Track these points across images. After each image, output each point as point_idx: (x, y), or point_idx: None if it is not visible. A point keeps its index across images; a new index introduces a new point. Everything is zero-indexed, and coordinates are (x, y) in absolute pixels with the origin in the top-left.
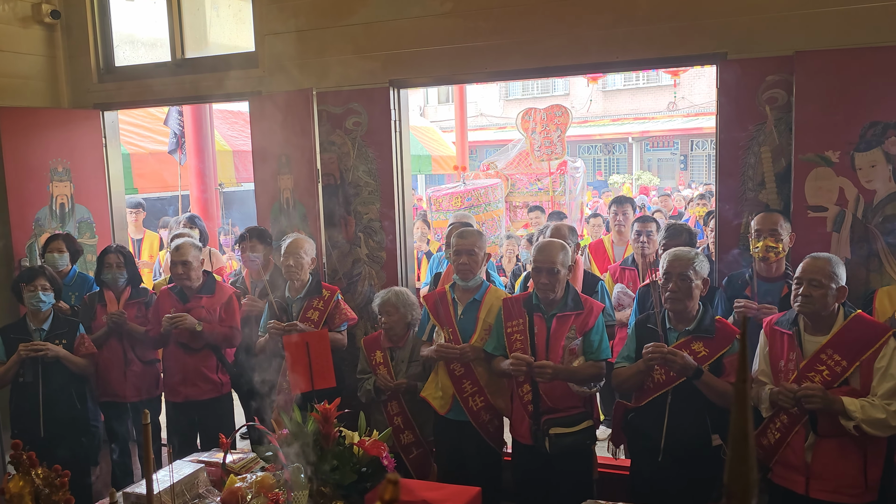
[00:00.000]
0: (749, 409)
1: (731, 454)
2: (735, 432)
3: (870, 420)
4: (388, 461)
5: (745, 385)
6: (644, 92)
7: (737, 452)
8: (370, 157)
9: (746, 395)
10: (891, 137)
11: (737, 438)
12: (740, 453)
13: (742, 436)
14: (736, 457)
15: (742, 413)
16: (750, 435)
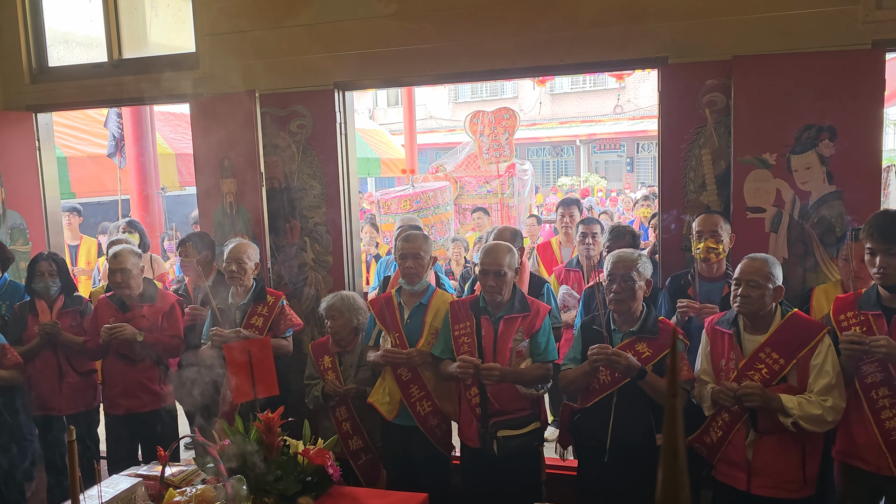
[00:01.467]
0: (680, 426)
1: (662, 473)
2: (666, 450)
3: (807, 416)
4: (334, 469)
5: (674, 400)
6: (591, 95)
7: (668, 471)
8: (315, 161)
9: (677, 412)
10: (824, 140)
11: (667, 456)
12: (671, 472)
13: (673, 453)
14: (667, 476)
15: (672, 430)
16: (681, 452)
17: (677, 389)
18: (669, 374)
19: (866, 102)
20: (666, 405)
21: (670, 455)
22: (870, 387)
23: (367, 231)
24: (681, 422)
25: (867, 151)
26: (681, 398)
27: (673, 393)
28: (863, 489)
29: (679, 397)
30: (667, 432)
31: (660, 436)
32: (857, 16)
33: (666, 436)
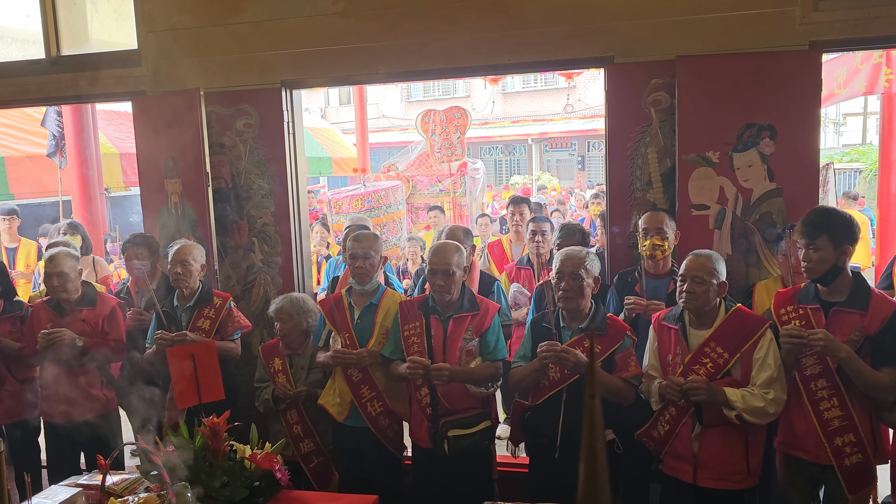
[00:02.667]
0: (599, 427)
1: (582, 474)
2: (586, 452)
3: (750, 409)
4: (282, 473)
5: (593, 401)
6: (542, 94)
7: (588, 472)
8: (263, 160)
9: (595, 413)
10: (765, 139)
11: (587, 458)
12: (591, 473)
13: (592, 455)
14: (587, 477)
15: (591, 431)
16: (600, 454)
17: (595, 391)
18: (588, 377)
19: (804, 102)
20: (585, 406)
21: (590, 456)
22: (809, 379)
23: (318, 231)
24: (600, 423)
25: (805, 149)
26: (599, 399)
27: (591, 394)
28: (803, 479)
29: (597, 398)
30: (586, 433)
31: (609, 431)
32: (795, 17)
33: (585, 437)
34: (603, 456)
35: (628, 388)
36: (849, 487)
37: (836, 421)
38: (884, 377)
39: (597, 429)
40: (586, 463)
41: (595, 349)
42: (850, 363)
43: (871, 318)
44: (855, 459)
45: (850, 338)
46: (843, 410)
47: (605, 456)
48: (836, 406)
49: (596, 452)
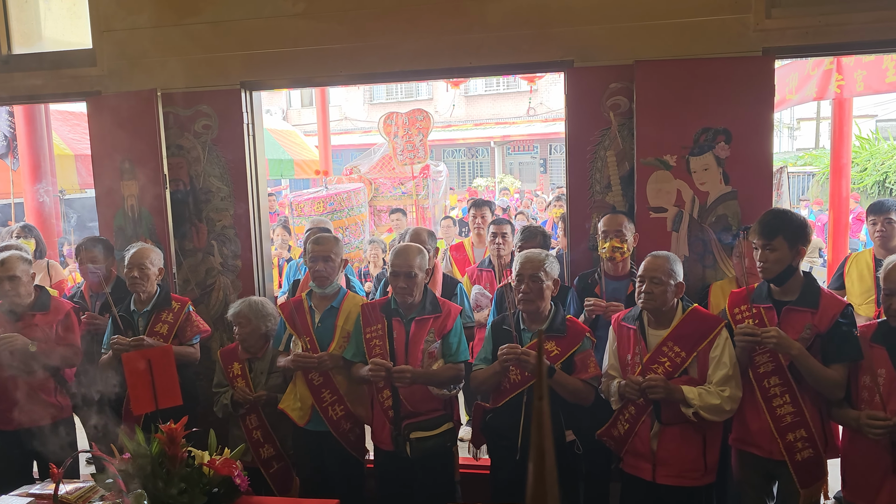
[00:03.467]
0: (547, 428)
1: (531, 475)
2: (535, 452)
3: (706, 406)
4: (241, 479)
5: (541, 402)
6: (505, 97)
7: (536, 471)
8: (222, 162)
9: (543, 414)
10: (720, 142)
11: (536, 457)
12: (539, 472)
13: (540, 455)
14: (536, 478)
15: (540, 431)
16: (549, 454)
17: (543, 392)
18: (537, 379)
19: (758, 107)
20: (534, 408)
21: (538, 456)
22: (762, 376)
23: (280, 234)
24: (548, 423)
25: (759, 153)
26: (547, 401)
27: (539, 395)
28: (758, 474)
29: (545, 400)
30: (535, 434)
31: (569, 432)
32: (749, 24)
33: (534, 437)
34: (551, 456)
35: (588, 389)
36: (801, 482)
37: (788, 417)
38: (833, 374)
39: (545, 429)
40: (535, 463)
41: (544, 351)
42: (801, 360)
43: (822, 317)
44: (806, 454)
45: (802, 336)
46: (794, 407)
47: (553, 456)
48: (789, 403)
49: (544, 452)
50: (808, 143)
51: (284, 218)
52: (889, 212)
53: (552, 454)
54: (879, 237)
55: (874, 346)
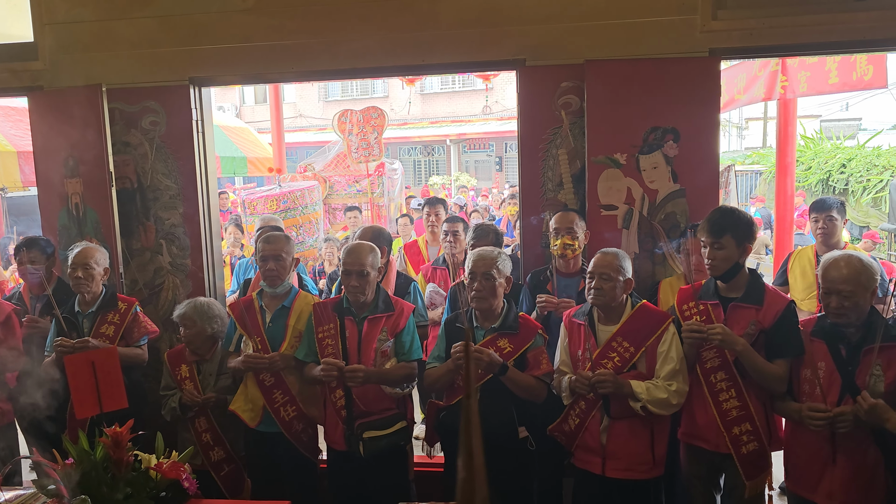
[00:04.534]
0: (476, 427)
1: (460, 474)
2: (463, 451)
3: (654, 400)
4: (190, 483)
5: (469, 401)
6: (460, 95)
7: (465, 470)
8: (170, 159)
9: (472, 412)
10: (669, 141)
11: (465, 457)
12: (468, 471)
13: (469, 454)
14: (465, 476)
15: (468, 431)
16: (477, 453)
17: (471, 391)
18: (464, 377)
19: (705, 106)
20: (462, 406)
21: (467, 455)
22: (709, 371)
23: (232, 232)
24: (476, 422)
25: (706, 152)
26: (475, 399)
27: (467, 394)
28: (705, 467)
29: (473, 398)
30: (463, 433)
31: (522, 429)
32: (696, 25)
33: (462, 436)
34: (480, 455)
35: (540, 386)
36: (746, 474)
37: (733, 411)
38: (777, 368)
39: (473, 428)
40: (464, 462)
41: (496, 349)
42: (745, 356)
43: (766, 313)
44: (751, 447)
45: (747, 331)
46: (740, 401)
47: (482, 455)
48: (734, 397)
49: (473, 452)
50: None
51: (237, 216)
52: (830, 209)
53: (481, 453)
54: (821, 234)
55: (814, 341)
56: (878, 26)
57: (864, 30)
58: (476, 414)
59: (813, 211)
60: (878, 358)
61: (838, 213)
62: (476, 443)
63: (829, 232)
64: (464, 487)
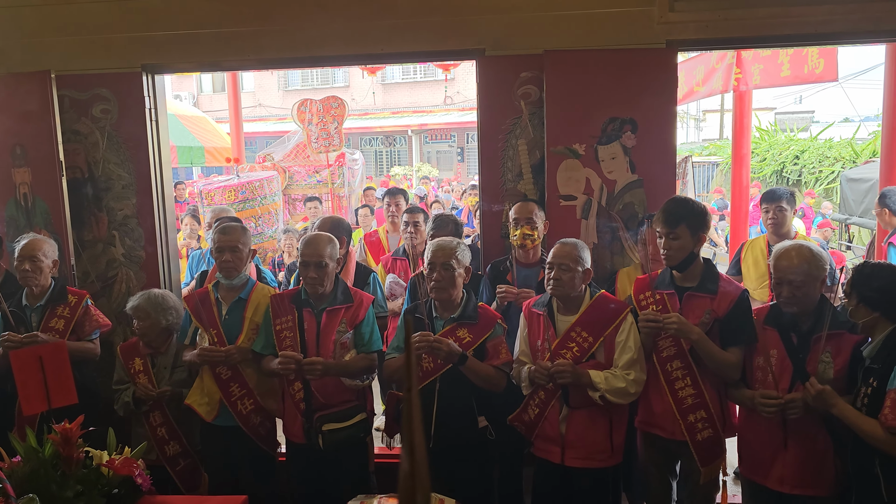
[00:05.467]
0: (418, 420)
1: (402, 468)
2: (405, 445)
3: (612, 389)
4: (143, 479)
5: (410, 394)
6: (422, 86)
7: (408, 466)
8: (123, 148)
9: (414, 406)
10: (627, 132)
11: (407, 452)
12: (411, 466)
13: (411, 448)
14: (408, 469)
15: (410, 424)
16: (419, 447)
17: (412, 384)
18: (405, 370)
19: (662, 97)
20: (404, 400)
21: (409, 449)
22: (665, 360)
23: (188, 223)
24: (418, 416)
25: (664, 143)
26: (416, 392)
27: (408, 387)
28: (661, 454)
29: (414, 391)
30: (405, 427)
31: (482, 419)
32: (653, 17)
33: (404, 430)
34: (422, 449)
35: (500, 375)
36: (701, 460)
37: (689, 399)
38: (731, 356)
39: (415, 422)
40: (406, 456)
41: (455, 338)
42: (700, 344)
43: (720, 302)
44: (706, 434)
45: (702, 320)
46: (695, 389)
47: (424, 449)
48: (690, 385)
49: (415, 446)
50: (713, 134)
51: (193, 207)
52: (780, 200)
53: (423, 447)
54: (772, 224)
55: (767, 329)
56: (829, 20)
57: (815, 23)
58: (418, 408)
59: (763, 202)
60: (828, 345)
61: (788, 204)
62: (418, 436)
63: (780, 222)
64: (406, 481)
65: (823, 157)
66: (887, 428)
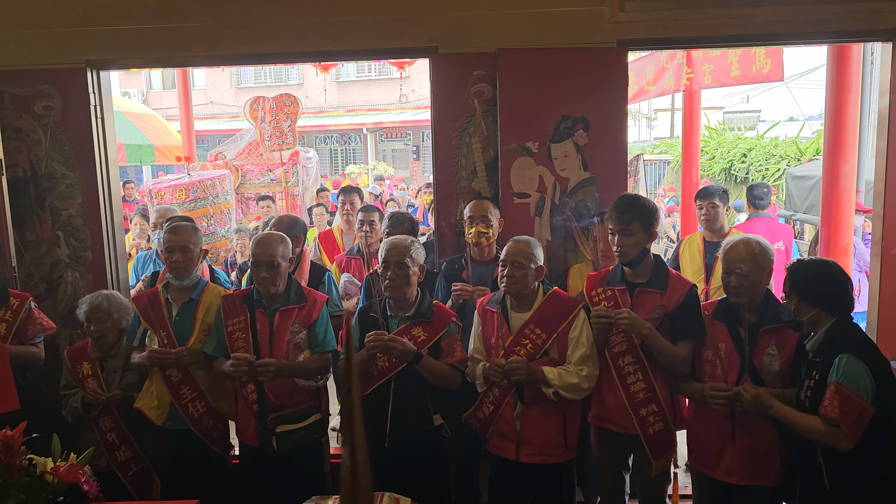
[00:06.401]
0: (358, 422)
1: (343, 469)
2: (347, 447)
3: (566, 385)
4: (90, 485)
5: (350, 395)
6: (377, 84)
7: (349, 468)
8: (67, 146)
9: (354, 407)
10: (579, 130)
11: (349, 454)
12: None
13: (352, 449)
14: (349, 472)
15: (350, 426)
16: (360, 448)
17: (352, 385)
18: (345, 371)
19: (613, 96)
20: (343, 401)
21: (350, 451)
22: (617, 355)
23: (138, 223)
24: (359, 417)
25: (615, 141)
26: (357, 393)
27: (348, 388)
28: (615, 449)
29: (354, 392)
30: (345, 429)
31: (437, 416)
32: (604, 16)
33: (345, 432)
34: (364, 450)
35: (455, 373)
36: (653, 453)
37: (640, 393)
38: (681, 351)
39: (356, 423)
40: (348, 458)
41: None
42: (651, 339)
43: (670, 297)
44: (658, 428)
45: (652, 316)
46: (646, 383)
47: (366, 450)
48: (641, 380)
49: (356, 447)
50: (665, 133)
51: (143, 206)
52: (713, 197)
53: (364, 449)
54: (705, 220)
55: (715, 323)
56: (774, 21)
57: (760, 24)
58: (359, 408)
59: (697, 199)
60: (773, 339)
61: (720, 200)
62: (359, 437)
63: (713, 218)
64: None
65: (770, 155)
66: (827, 419)
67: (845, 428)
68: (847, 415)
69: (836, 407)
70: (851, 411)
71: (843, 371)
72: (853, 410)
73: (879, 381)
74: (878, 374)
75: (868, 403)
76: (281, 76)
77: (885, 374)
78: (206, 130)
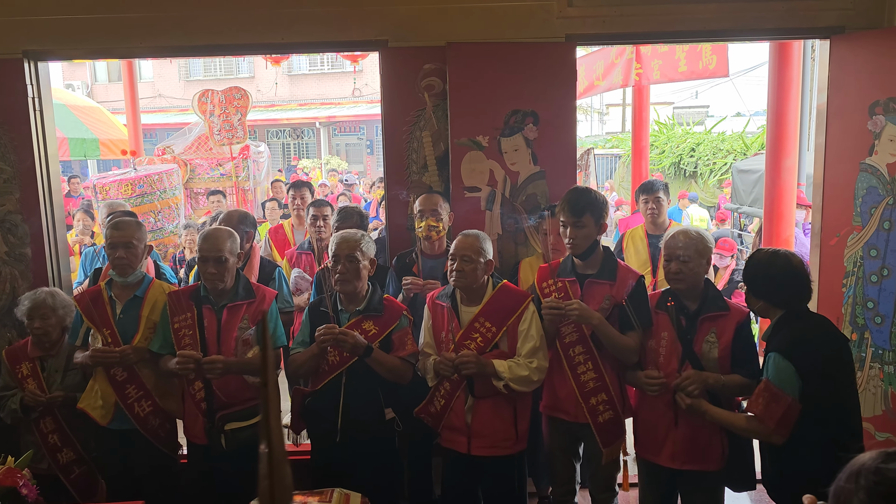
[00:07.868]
0: (276, 416)
1: (262, 464)
2: (264, 442)
3: (516, 378)
4: (29, 489)
5: (266, 388)
6: (330, 77)
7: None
8: (3, 140)
9: (271, 401)
10: (529, 124)
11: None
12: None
13: (270, 444)
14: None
15: (267, 420)
16: (278, 443)
17: (268, 379)
18: (261, 364)
19: (562, 90)
20: (260, 394)
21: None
22: (568, 346)
23: (81, 219)
24: (276, 411)
25: (564, 135)
26: (274, 387)
27: (264, 382)
28: (566, 438)
29: (271, 385)
30: (263, 422)
31: (388, 410)
32: (553, 11)
33: (262, 426)
34: (281, 445)
35: (406, 367)
36: (603, 442)
37: (591, 383)
38: (629, 340)
39: (273, 418)
40: (265, 453)
41: (361, 330)
42: (601, 329)
43: (618, 288)
44: (607, 416)
45: (602, 306)
46: (596, 373)
47: (283, 445)
48: (591, 369)
49: (273, 442)
50: (616, 128)
51: (87, 202)
52: (657, 191)
53: (282, 443)
54: (650, 214)
55: (658, 313)
56: (717, 18)
57: (705, 21)
58: (276, 403)
59: (642, 193)
60: (713, 326)
61: (664, 194)
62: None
63: (657, 211)
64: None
65: (717, 149)
66: (755, 416)
67: (770, 423)
68: (773, 411)
69: (760, 404)
70: (777, 408)
71: (772, 369)
72: (779, 407)
73: (807, 379)
74: (806, 373)
75: (794, 400)
76: (231, 69)
77: (815, 371)
78: (153, 124)
